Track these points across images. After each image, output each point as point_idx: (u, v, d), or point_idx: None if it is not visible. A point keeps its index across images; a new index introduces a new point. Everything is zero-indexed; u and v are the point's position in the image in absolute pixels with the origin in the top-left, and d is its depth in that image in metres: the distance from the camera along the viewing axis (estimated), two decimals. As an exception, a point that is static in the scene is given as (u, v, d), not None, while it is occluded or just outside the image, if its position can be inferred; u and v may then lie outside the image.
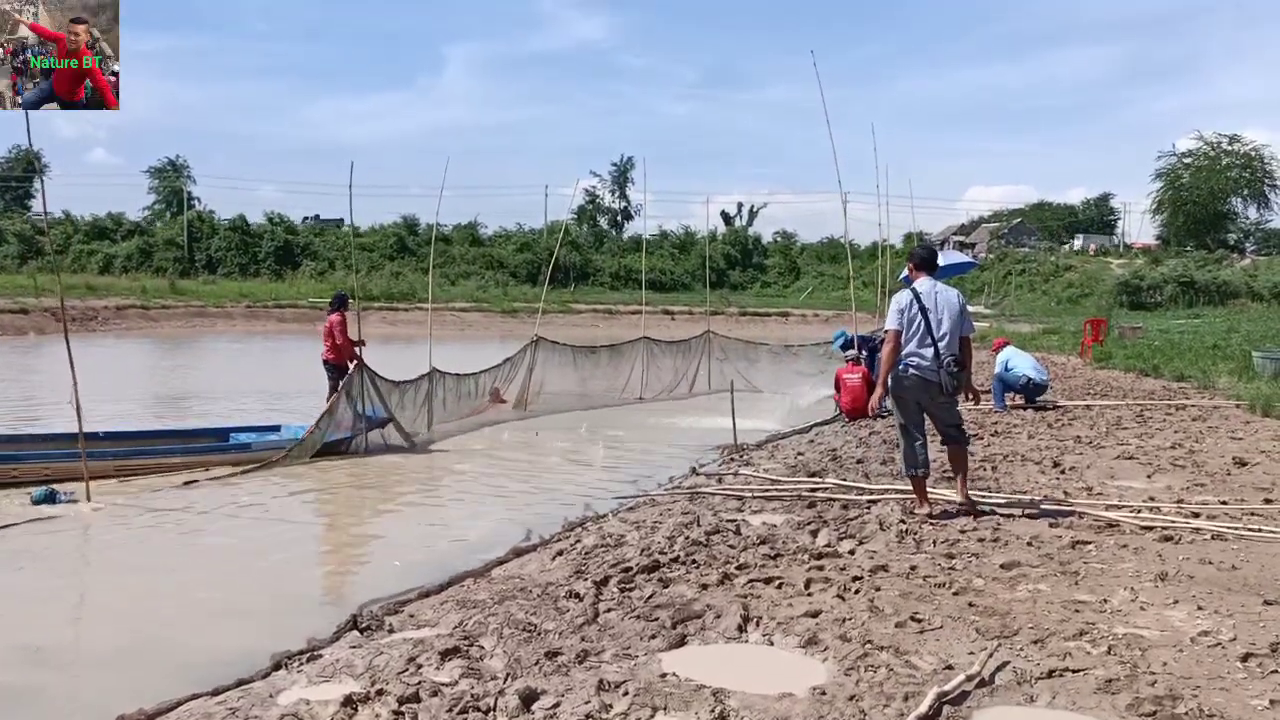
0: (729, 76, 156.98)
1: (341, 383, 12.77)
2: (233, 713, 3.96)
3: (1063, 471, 9.09)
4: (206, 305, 43.78)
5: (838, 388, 14.32)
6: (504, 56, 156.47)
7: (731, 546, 6.43)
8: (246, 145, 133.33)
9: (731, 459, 11.29)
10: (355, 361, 12.91)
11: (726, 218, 75.82)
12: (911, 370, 7.03)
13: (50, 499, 9.43)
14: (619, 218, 77.31)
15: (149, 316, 39.90)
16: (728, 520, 7.24)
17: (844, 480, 8.80)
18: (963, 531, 6.74)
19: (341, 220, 67.33)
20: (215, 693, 4.40)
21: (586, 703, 3.83)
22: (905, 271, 7.65)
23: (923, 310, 7.00)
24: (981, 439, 11.02)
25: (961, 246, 72.44)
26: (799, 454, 11.13)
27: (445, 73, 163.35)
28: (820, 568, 5.85)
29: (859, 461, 9.96)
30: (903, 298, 7.12)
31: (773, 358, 22.56)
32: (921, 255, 7.43)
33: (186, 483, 10.40)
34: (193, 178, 71.81)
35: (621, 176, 76.35)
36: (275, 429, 12.94)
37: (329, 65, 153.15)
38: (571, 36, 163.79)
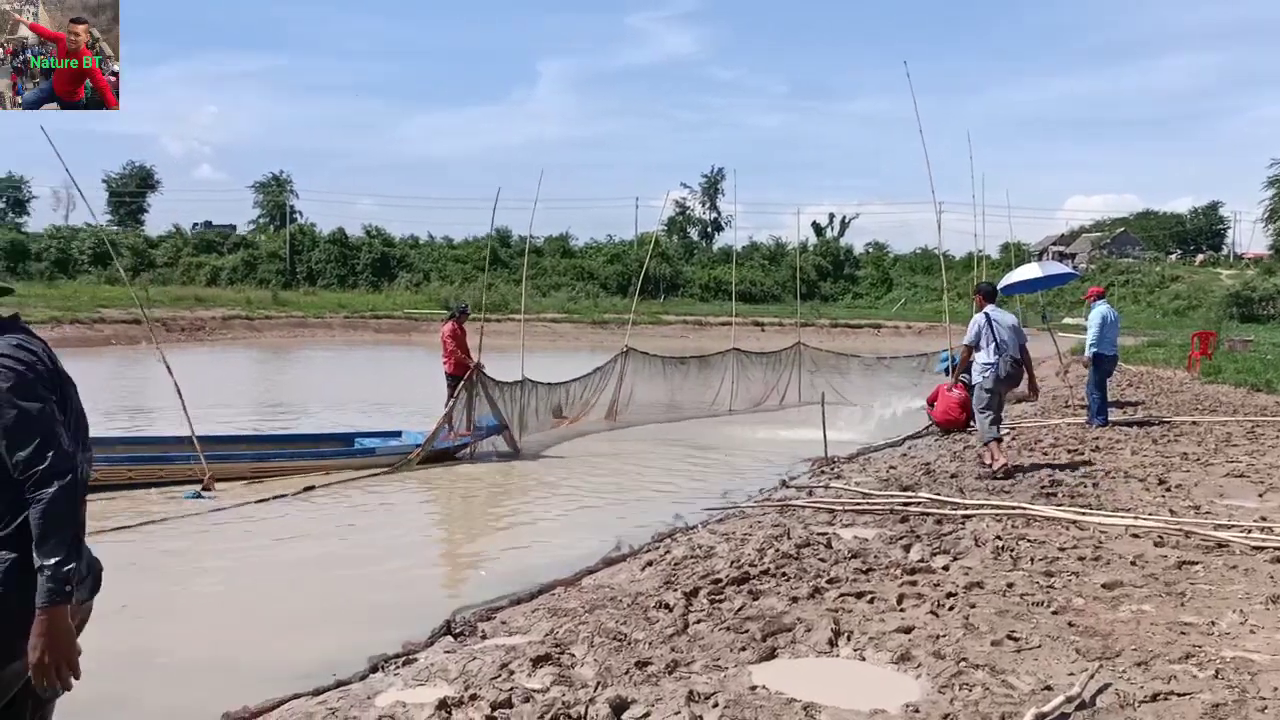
0: (819, 88, 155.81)
1: (455, 390, 13.10)
2: (332, 713, 4.07)
3: (1169, 489, 8.78)
4: (307, 316, 45.04)
5: (932, 401, 14.08)
6: (595, 71, 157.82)
7: (822, 560, 6.38)
8: (346, 161, 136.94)
9: (822, 472, 11.19)
10: (468, 371, 13.25)
11: (818, 228, 75.09)
12: (1002, 369, 9.83)
13: (196, 496, 10.21)
14: (709, 229, 77.20)
15: (253, 327, 41.21)
16: (818, 533, 7.18)
17: (937, 494, 8.65)
18: (1062, 549, 6.57)
19: (233, 227, 68.92)
20: (316, 693, 4.54)
21: (676, 713, 3.84)
22: (975, 301, 10.37)
23: (993, 328, 9.86)
24: (1082, 454, 10.72)
25: (1061, 257, 70.57)
26: (891, 467, 10.98)
27: (538, 88, 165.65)
28: (913, 583, 5.76)
29: (953, 476, 9.78)
30: (980, 319, 9.97)
31: (864, 370, 22.27)
32: (986, 289, 10.46)
33: (307, 488, 10.78)
34: (295, 192, 74.00)
35: (711, 188, 76.23)
36: (396, 434, 13.41)
37: (425, 82, 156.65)
38: (662, 51, 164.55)
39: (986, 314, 9.93)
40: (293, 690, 4.69)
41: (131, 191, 64.47)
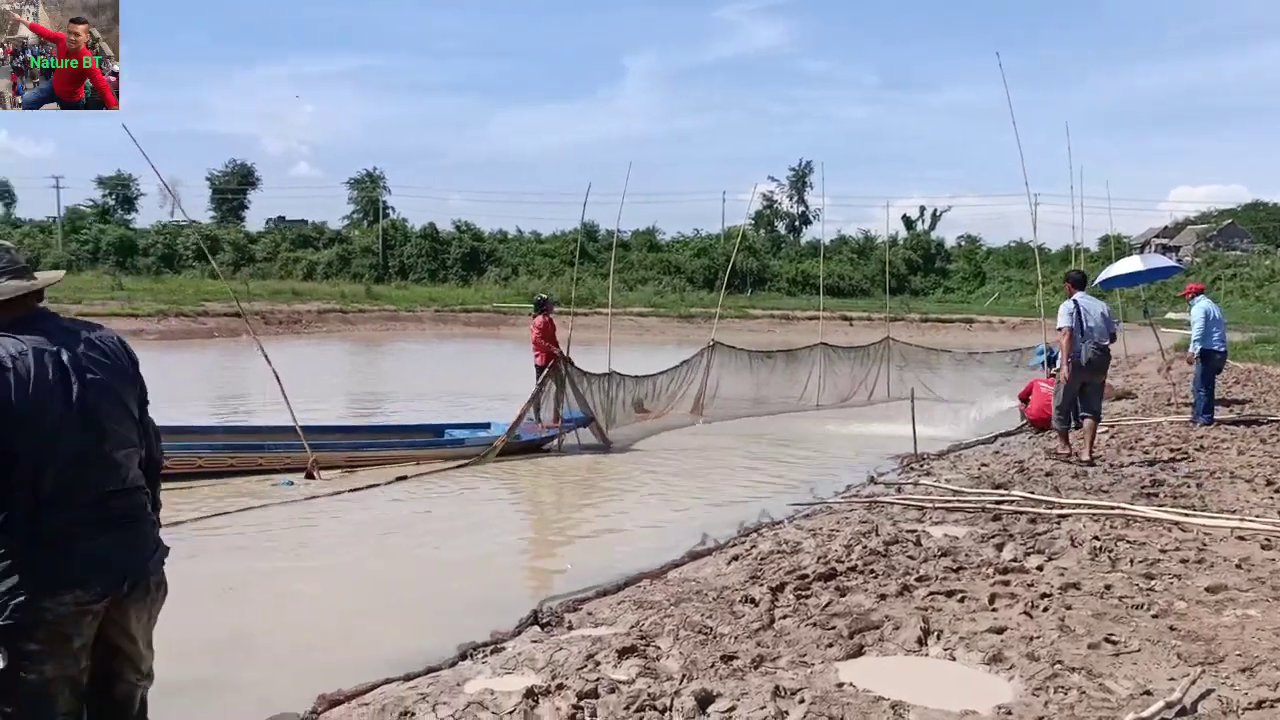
0: (910, 79, 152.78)
1: (539, 382, 13.26)
2: (423, 698, 4.15)
3: (1277, 490, 8.43)
4: (399, 310, 45.92)
5: (1026, 397, 13.75)
6: (683, 65, 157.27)
7: (911, 557, 6.28)
8: (437, 158, 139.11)
9: (911, 468, 11.02)
10: (551, 363, 13.41)
11: (908, 222, 73.76)
12: (1084, 355, 9.94)
13: (289, 484, 10.55)
14: (796, 223, 76.49)
15: (347, 320, 42.18)
16: (907, 530, 7.08)
17: (1031, 493, 8.45)
18: (1164, 551, 6.36)
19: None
20: (407, 678, 4.63)
21: (762, 708, 3.82)
22: (1065, 289, 10.54)
23: (1081, 315, 9.97)
24: (1185, 453, 10.35)
25: (1164, 250, 68.15)
26: (983, 465, 10.76)
27: (625, 83, 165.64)
28: (1006, 583, 5.64)
29: (1048, 474, 9.53)
30: (1070, 305, 10.06)
31: (956, 365, 21.85)
32: (1076, 277, 10.55)
33: (399, 478, 11.01)
34: (388, 188, 75.39)
35: (800, 181, 75.45)
36: (486, 426, 13.58)
37: (514, 79, 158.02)
38: (750, 43, 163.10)
39: (1075, 300, 10.10)
40: (384, 675, 4.80)
41: (233, 189, 66.48)
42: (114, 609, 2.77)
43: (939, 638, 4.73)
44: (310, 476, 10.69)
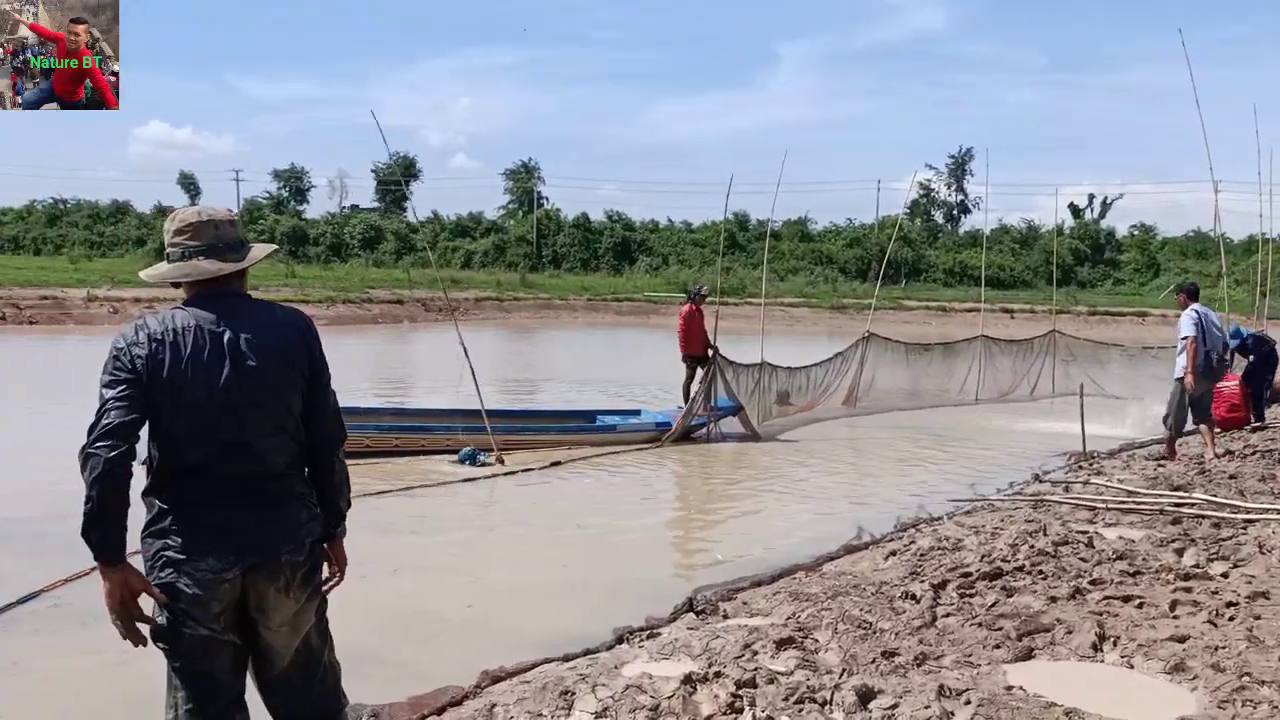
0: (1081, 60, 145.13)
1: (700, 373, 13.36)
2: (582, 678, 4.20)
3: None
4: (552, 298, 46.80)
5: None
6: (838, 51, 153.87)
7: (1083, 559, 5.99)
8: (590, 147, 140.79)
9: (1080, 467, 10.56)
10: (703, 352, 13.50)
11: (1075, 210, 70.37)
12: (1208, 364, 10.18)
13: (472, 459, 10.89)
14: (954, 211, 74.21)
15: (502, 308, 43.23)
16: (1078, 531, 6.76)
17: (1214, 496, 7.94)
18: (1366, 563, 5.88)
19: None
20: (566, 658, 4.71)
21: (926, 707, 3.71)
22: (1179, 300, 10.70)
23: (1204, 324, 10.19)
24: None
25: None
26: (1159, 465, 10.20)
27: (779, 70, 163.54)
28: (1188, 589, 5.32)
29: (1231, 477, 8.94)
30: (1192, 314, 10.17)
31: (1127, 360, 20.79)
32: (1191, 289, 10.81)
33: (553, 463, 11.24)
34: (542, 179, 76.80)
35: (959, 169, 73.14)
36: (636, 413, 13.76)
37: (668, 69, 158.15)
38: (909, 27, 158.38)
39: (1196, 309, 10.32)
40: (541, 655, 4.89)
41: (396, 180, 68.98)
42: (249, 584, 2.81)
43: (1115, 644, 4.50)
44: (499, 460, 10.97)
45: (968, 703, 3.75)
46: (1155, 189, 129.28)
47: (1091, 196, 71.59)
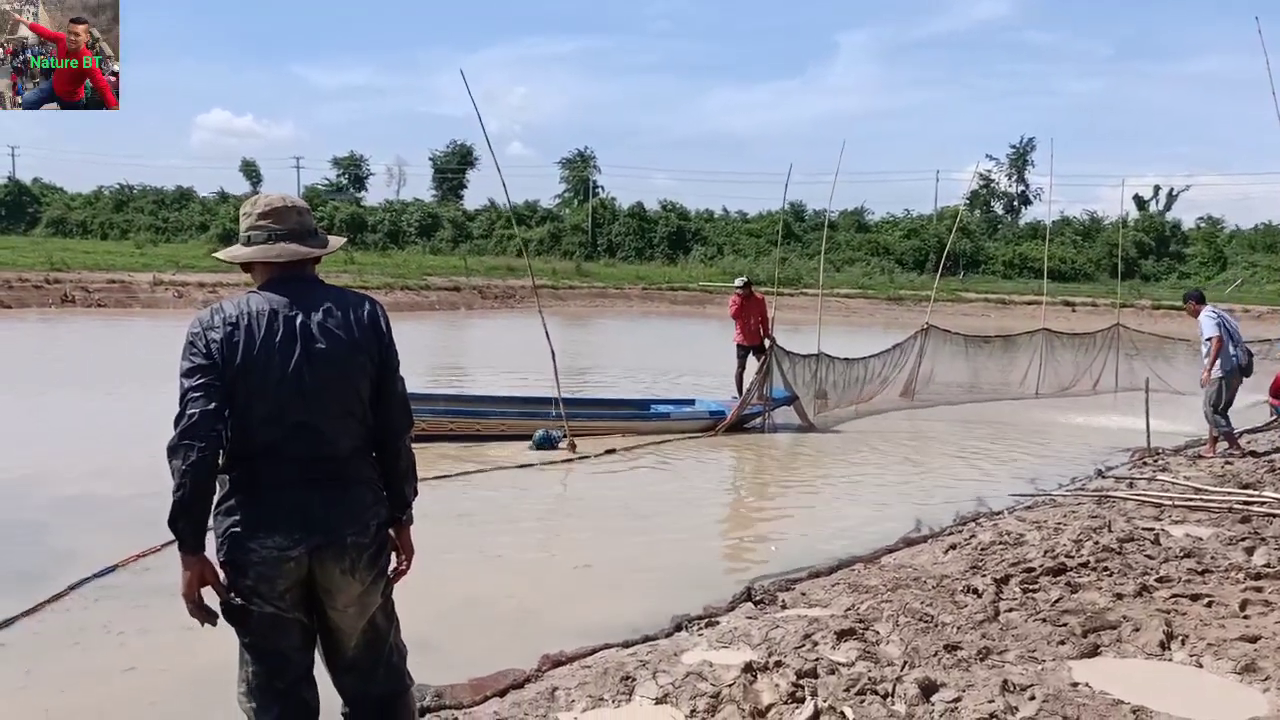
0: (1149, 48, 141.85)
1: (759, 362, 13.40)
2: (643, 664, 4.22)
3: None
4: (607, 287, 46.82)
5: (1277, 391, 12.67)
6: (898, 41, 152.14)
7: (1149, 557, 5.90)
8: (645, 137, 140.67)
9: (1144, 463, 10.37)
10: (756, 341, 13.52)
11: (1140, 202, 68.82)
12: (1238, 361, 10.37)
13: (548, 442, 11.09)
14: (1015, 203, 72.95)
15: (558, 296, 43.35)
16: (1144, 528, 6.65)
17: (1286, 496, 7.76)
18: None
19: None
20: (626, 645, 4.74)
21: (990, 701, 3.68)
22: (1189, 309, 10.88)
23: (1225, 324, 10.36)
24: None
25: None
26: (1226, 462, 9.98)
27: (837, 60, 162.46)
28: (1259, 589, 5.21)
29: (1304, 476, 8.74)
30: (1212, 313, 10.43)
31: (1193, 356, 20.26)
32: (1198, 295, 10.93)
33: (608, 451, 11.27)
34: (598, 168, 76.83)
35: (1020, 160, 71.87)
36: (690, 402, 13.77)
37: (725, 59, 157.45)
38: (971, 16, 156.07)
39: (1213, 310, 10.52)
40: (602, 640, 4.93)
41: (453, 168, 69.36)
42: (315, 564, 2.85)
43: (1184, 643, 4.43)
44: (571, 447, 11.05)
45: (1032, 698, 3.71)
46: (1225, 180, 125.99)
47: (1157, 188, 70.06)
